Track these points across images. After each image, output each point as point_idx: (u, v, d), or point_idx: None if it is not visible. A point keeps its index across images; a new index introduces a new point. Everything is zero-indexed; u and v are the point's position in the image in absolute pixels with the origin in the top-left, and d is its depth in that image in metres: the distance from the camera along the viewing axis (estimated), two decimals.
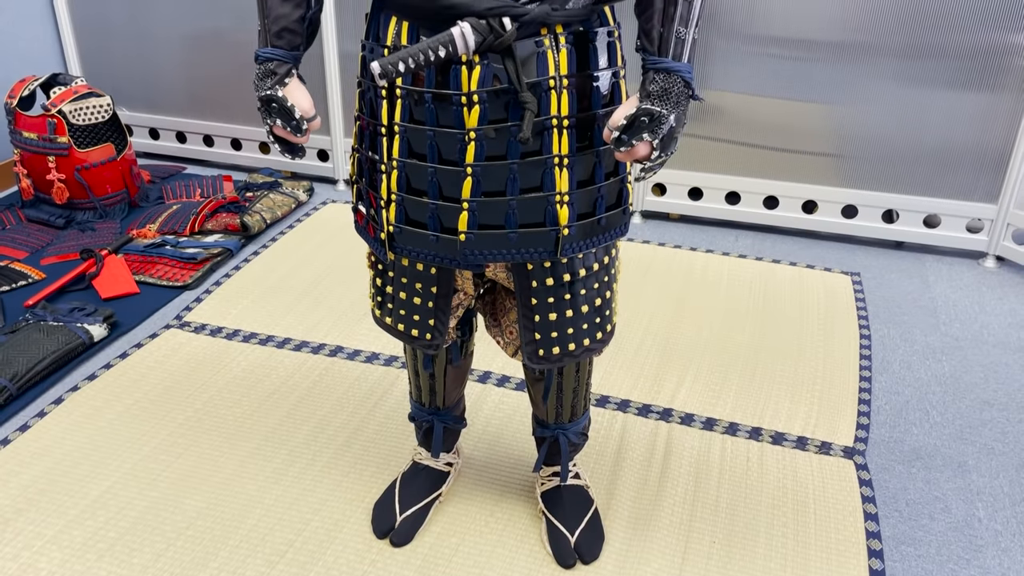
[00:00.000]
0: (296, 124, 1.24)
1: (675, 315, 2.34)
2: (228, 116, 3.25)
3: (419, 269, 1.32)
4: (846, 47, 2.55)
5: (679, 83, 1.11)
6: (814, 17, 2.54)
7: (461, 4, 1.11)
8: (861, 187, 2.71)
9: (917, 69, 2.52)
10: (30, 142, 2.72)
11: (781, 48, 2.62)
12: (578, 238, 1.25)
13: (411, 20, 1.17)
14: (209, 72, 3.19)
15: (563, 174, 1.20)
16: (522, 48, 1.15)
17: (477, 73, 1.14)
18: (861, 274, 2.60)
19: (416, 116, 1.20)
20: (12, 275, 2.46)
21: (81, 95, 2.76)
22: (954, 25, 2.44)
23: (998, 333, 2.30)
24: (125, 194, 2.90)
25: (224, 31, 3.10)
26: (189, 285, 2.46)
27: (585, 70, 1.20)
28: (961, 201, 2.63)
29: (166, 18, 3.14)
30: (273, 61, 1.24)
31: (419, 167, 1.22)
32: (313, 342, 2.20)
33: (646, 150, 1.14)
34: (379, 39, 1.22)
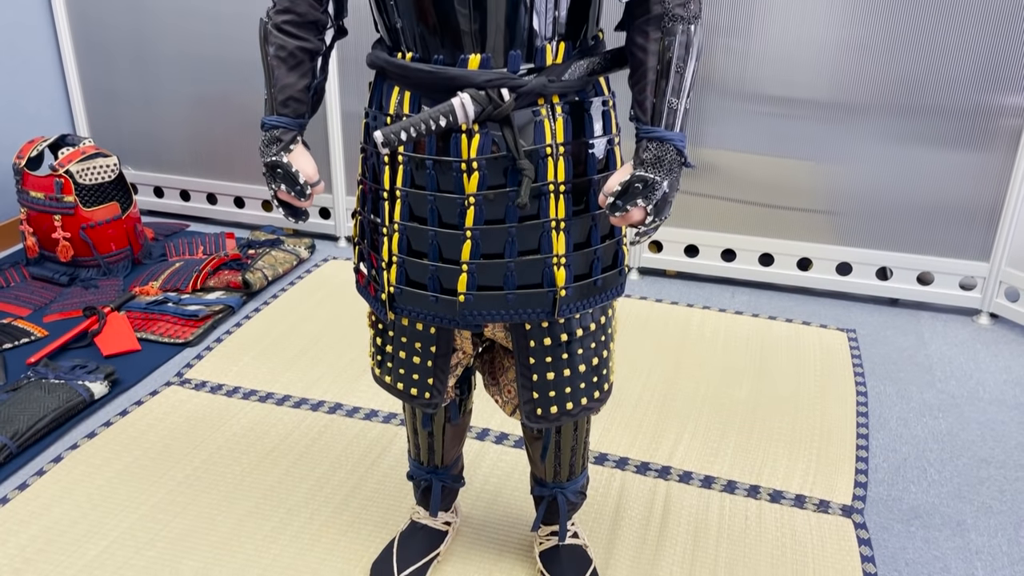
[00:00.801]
0: (300, 189, 1.28)
1: (673, 371, 2.36)
2: (231, 175, 3.30)
3: (419, 329, 1.35)
4: (837, 106, 2.62)
5: (672, 151, 1.15)
6: (805, 77, 2.61)
7: (461, 76, 1.16)
8: (855, 245, 2.75)
9: (907, 127, 2.58)
10: (37, 201, 2.76)
11: (773, 107, 2.68)
12: (575, 299, 1.28)
13: (413, 90, 1.21)
14: (213, 132, 3.26)
15: (560, 237, 1.24)
16: (520, 117, 1.19)
17: (477, 141, 1.18)
18: (857, 331, 2.62)
19: (417, 181, 1.24)
20: (15, 332, 2.48)
21: (88, 155, 2.82)
22: (943, 85, 2.51)
23: (993, 390, 2.31)
24: (129, 252, 2.93)
25: (228, 93, 3.17)
26: (190, 342, 2.48)
27: (581, 137, 1.24)
28: (953, 259, 2.67)
29: (172, 81, 3.22)
30: (279, 128, 1.28)
31: (420, 230, 1.25)
32: (312, 399, 2.21)
33: (640, 215, 1.18)
34: (382, 107, 1.26)
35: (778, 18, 2.56)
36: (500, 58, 1.17)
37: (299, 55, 1.27)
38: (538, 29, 1.16)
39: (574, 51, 1.21)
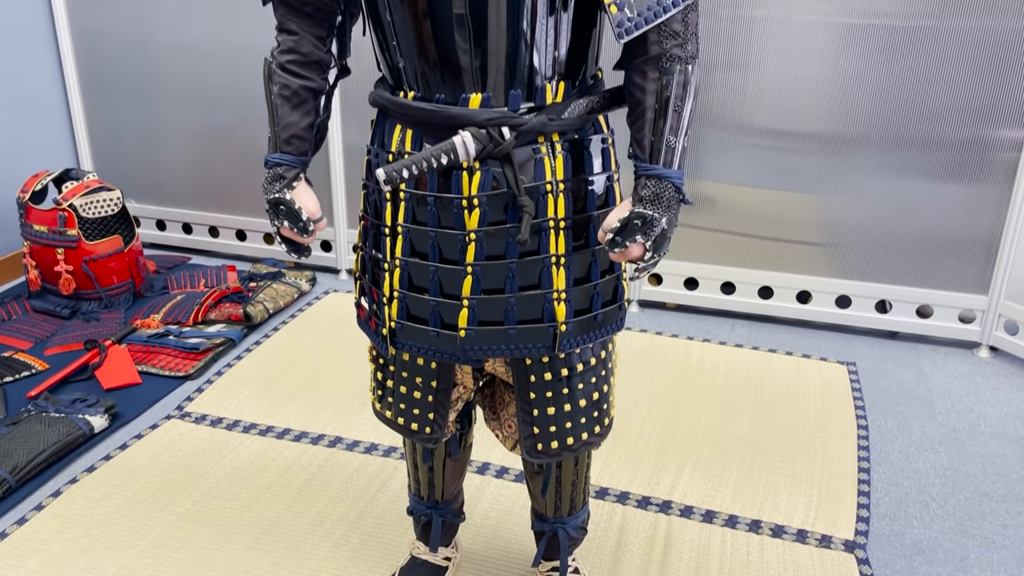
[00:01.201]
0: (303, 226, 1.29)
1: (673, 405, 2.36)
2: (233, 208, 3.33)
3: (419, 364, 1.35)
4: (834, 139, 2.64)
5: (670, 188, 1.17)
6: (802, 110, 2.64)
7: (463, 114, 1.17)
8: (854, 277, 2.76)
9: (904, 160, 2.60)
10: (40, 235, 2.78)
11: (771, 140, 2.71)
12: (575, 334, 1.29)
13: (415, 128, 1.23)
14: (215, 165, 3.29)
15: (560, 272, 1.25)
16: (520, 154, 1.21)
17: (478, 178, 1.20)
18: (857, 364, 2.63)
19: (419, 217, 1.25)
20: (16, 366, 2.48)
21: (92, 189, 2.84)
22: (939, 118, 2.53)
23: (994, 424, 2.31)
24: (131, 284, 2.94)
25: (231, 126, 3.21)
26: (191, 375, 2.48)
27: (580, 174, 1.25)
28: (952, 292, 2.68)
29: (175, 115, 3.25)
30: (282, 166, 1.29)
31: (421, 266, 1.26)
32: (313, 432, 2.21)
33: (639, 251, 1.19)
34: (384, 145, 1.28)
35: (775, 53, 2.60)
36: (501, 97, 1.18)
37: (303, 94, 1.29)
38: (538, 68, 1.18)
39: (573, 90, 1.23)
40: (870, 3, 2.48)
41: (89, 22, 3.22)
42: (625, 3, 1.09)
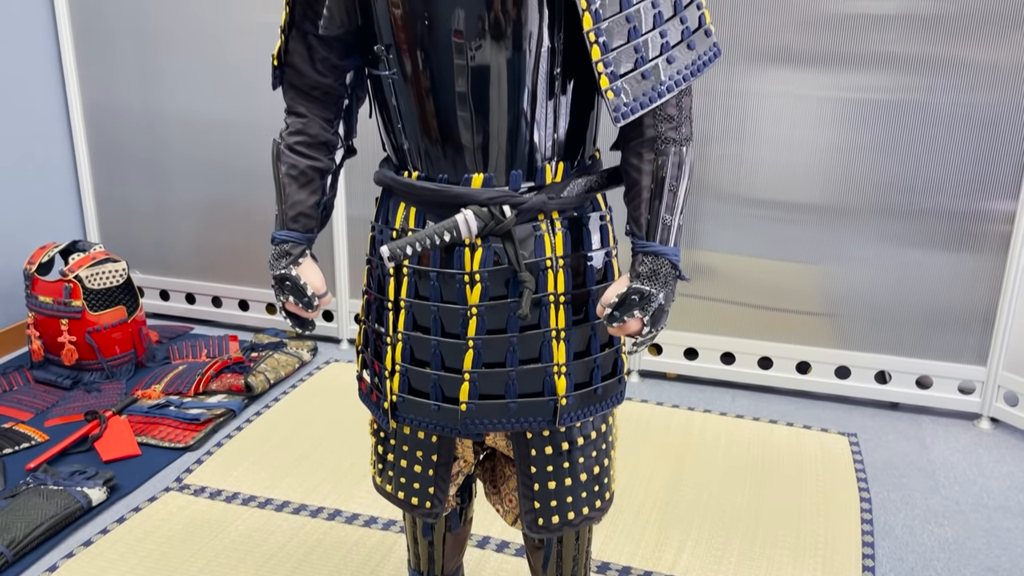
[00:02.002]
0: (308, 301, 1.32)
1: (674, 476, 2.35)
2: (236, 278, 3.36)
3: (420, 437, 1.36)
4: (831, 209, 2.69)
5: (667, 265, 1.19)
6: (798, 181, 2.69)
7: (465, 194, 1.21)
8: (852, 348, 2.77)
9: (900, 230, 2.64)
10: (45, 306, 2.81)
11: (768, 210, 2.75)
12: (576, 407, 1.30)
13: (418, 206, 1.27)
14: (220, 236, 3.34)
15: (560, 346, 1.27)
16: (521, 231, 1.24)
17: (479, 254, 1.23)
18: (858, 435, 2.62)
19: (421, 292, 1.28)
20: (15, 437, 2.48)
21: (98, 261, 2.88)
22: (932, 190, 2.58)
23: (998, 497, 2.30)
24: (133, 355, 2.96)
25: (236, 198, 3.26)
26: (191, 446, 2.48)
27: (579, 250, 1.28)
28: (951, 363, 2.69)
29: (182, 186, 3.32)
30: (288, 243, 1.33)
31: (423, 340, 1.28)
32: (312, 505, 2.20)
33: (637, 326, 1.21)
34: (388, 222, 1.31)
35: (770, 126, 2.66)
36: (502, 177, 1.22)
37: (310, 173, 1.33)
38: (538, 149, 1.22)
39: (572, 170, 1.27)
40: (862, 78, 2.55)
41: (101, 97, 3.31)
42: (621, 89, 1.14)
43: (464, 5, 1.13)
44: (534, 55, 1.16)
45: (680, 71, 1.17)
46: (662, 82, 1.16)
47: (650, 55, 1.15)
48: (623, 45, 1.13)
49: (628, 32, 1.13)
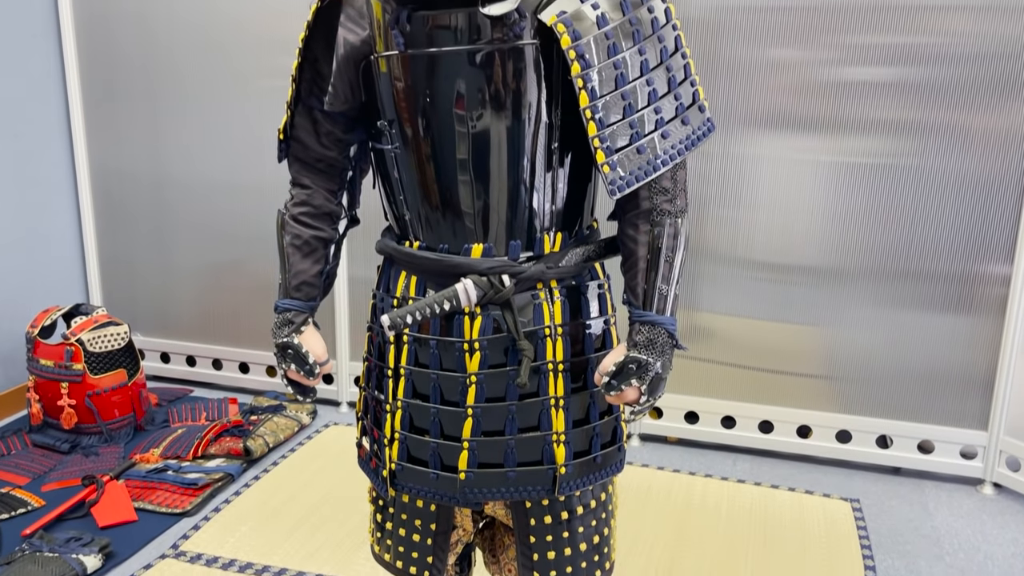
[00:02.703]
0: (309, 369, 1.33)
1: (676, 543, 2.32)
2: (237, 340, 3.37)
3: (419, 506, 1.36)
4: (828, 271, 2.71)
5: (663, 334, 1.21)
6: (795, 243, 2.72)
7: (465, 263, 1.23)
8: (853, 412, 2.77)
9: (897, 292, 2.66)
10: (46, 369, 2.81)
11: (766, 272, 2.78)
12: (575, 476, 1.30)
13: (419, 275, 1.29)
14: (222, 299, 3.36)
15: (559, 414, 1.27)
16: (520, 300, 1.26)
17: (479, 323, 1.24)
18: (861, 500, 2.60)
19: (421, 360, 1.29)
20: (12, 502, 2.46)
21: (100, 324, 2.90)
22: (928, 252, 2.61)
23: (1003, 564, 2.27)
24: (132, 418, 2.95)
25: (238, 261, 3.30)
26: (188, 512, 2.46)
27: (578, 319, 1.30)
28: (952, 427, 2.68)
29: (185, 248, 3.35)
30: (291, 311, 1.34)
31: (422, 407, 1.29)
32: (310, 572, 2.17)
33: (635, 394, 1.22)
34: (389, 290, 1.33)
35: (766, 188, 2.70)
36: (501, 247, 1.25)
37: (313, 243, 1.35)
38: (537, 220, 1.25)
39: (570, 240, 1.29)
40: (857, 142, 2.60)
41: (108, 162, 3.37)
42: (617, 163, 1.17)
43: (465, 77, 1.17)
44: (533, 127, 1.20)
45: (675, 146, 1.20)
46: (657, 156, 1.19)
47: (645, 130, 1.18)
48: (619, 121, 1.17)
49: (624, 109, 1.17)
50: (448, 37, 1.16)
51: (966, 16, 2.45)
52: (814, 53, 2.57)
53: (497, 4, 1.13)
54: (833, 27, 2.54)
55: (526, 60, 1.16)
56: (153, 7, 3.15)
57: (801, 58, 2.58)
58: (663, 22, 1.20)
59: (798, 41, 2.58)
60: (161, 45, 3.18)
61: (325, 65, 1.30)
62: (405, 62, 1.19)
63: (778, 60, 2.60)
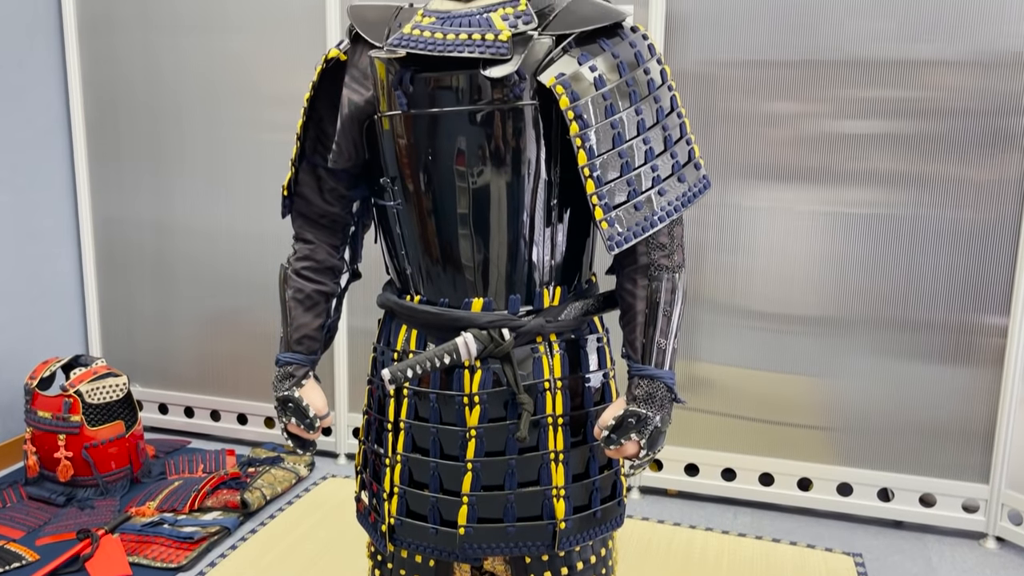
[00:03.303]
0: (309, 422, 1.33)
1: None
2: (236, 391, 3.37)
3: (418, 561, 1.35)
4: (826, 321, 2.72)
5: (662, 388, 1.22)
6: (793, 293, 2.74)
7: (465, 317, 1.25)
8: (854, 464, 2.76)
9: (896, 342, 2.67)
10: (44, 421, 2.80)
11: (764, 322, 2.79)
12: (575, 531, 1.29)
13: (420, 328, 1.30)
14: (222, 348, 3.36)
15: (559, 469, 1.28)
16: (519, 353, 1.27)
17: (479, 376, 1.25)
18: (863, 555, 2.57)
19: (421, 413, 1.30)
20: (6, 557, 2.43)
21: (99, 375, 2.90)
22: (925, 303, 2.62)
23: None
24: (128, 471, 2.93)
25: (239, 310, 3.31)
26: (183, 566, 2.43)
27: (577, 372, 1.31)
28: (954, 480, 2.67)
29: (186, 297, 3.37)
30: (292, 364, 1.35)
31: (422, 461, 1.29)
32: None
33: (634, 448, 1.22)
34: (390, 343, 1.35)
35: (763, 237, 2.73)
36: (501, 301, 1.26)
37: (315, 297, 1.37)
38: (536, 274, 1.27)
39: (569, 294, 1.31)
40: (852, 193, 2.64)
41: (111, 212, 3.40)
42: (615, 219, 1.19)
43: (466, 135, 1.20)
44: (532, 183, 1.22)
45: (671, 202, 1.23)
46: (654, 212, 1.21)
47: (642, 188, 1.21)
48: (617, 179, 1.19)
49: (621, 167, 1.20)
50: (450, 97, 1.20)
51: (957, 71, 2.50)
52: (809, 106, 2.62)
53: (498, 67, 1.16)
54: (827, 81, 2.59)
55: (526, 120, 1.19)
56: (159, 60, 3.21)
57: (796, 111, 2.63)
58: (659, 83, 1.24)
59: (793, 94, 2.63)
60: (166, 96, 3.24)
61: (329, 124, 1.33)
62: (408, 121, 1.22)
63: (773, 113, 2.65)
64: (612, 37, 1.22)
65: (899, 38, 2.52)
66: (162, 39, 3.19)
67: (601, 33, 1.22)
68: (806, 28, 2.58)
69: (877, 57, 2.54)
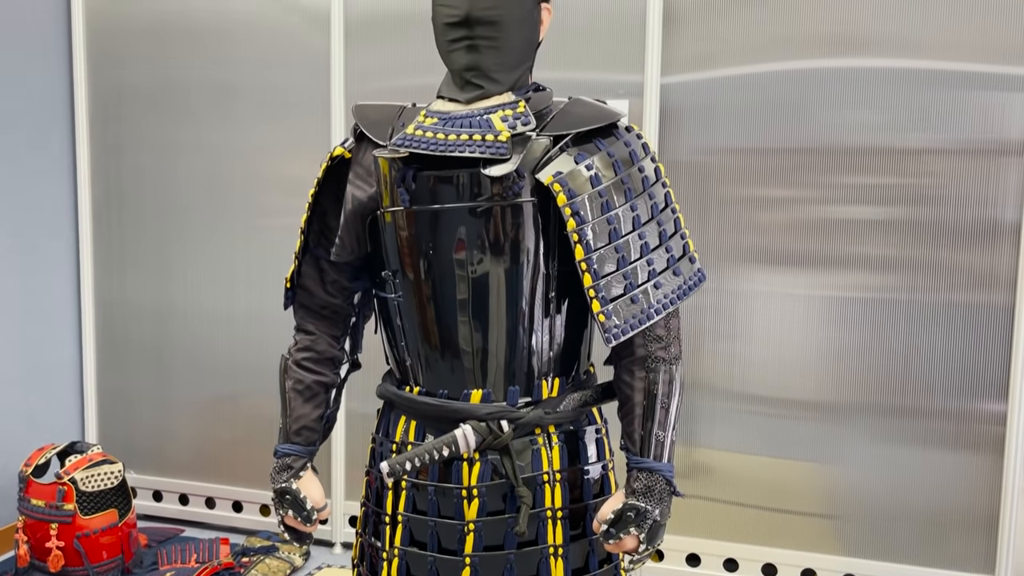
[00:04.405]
0: (307, 515, 1.33)
1: None
2: (232, 478, 3.33)
3: None
4: (825, 406, 2.71)
5: (661, 481, 1.22)
6: (791, 378, 2.74)
7: (464, 409, 1.26)
8: (857, 555, 2.71)
9: (896, 428, 2.65)
10: (37, 509, 2.77)
11: (764, 407, 2.78)
12: None
13: (419, 420, 1.31)
14: (218, 434, 3.34)
15: (558, 563, 1.26)
16: (518, 445, 1.27)
17: (477, 469, 1.25)
18: None
19: (419, 506, 1.29)
20: None
21: (95, 463, 2.87)
22: (924, 388, 2.61)
23: None
24: (120, 561, 2.88)
25: (236, 395, 3.30)
26: None
27: (576, 464, 1.31)
28: (958, 572, 2.62)
29: (184, 381, 3.36)
30: (291, 456, 1.36)
31: (419, 556, 1.28)
32: None
33: (633, 543, 1.21)
34: (389, 435, 1.35)
35: (760, 321, 2.74)
36: (500, 392, 1.27)
37: (315, 388, 1.38)
38: (535, 366, 1.28)
39: (568, 385, 1.32)
40: (847, 277, 2.67)
41: (115, 294, 3.42)
42: (612, 312, 1.21)
43: (466, 229, 1.23)
44: (531, 272, 1.25)
45: (667, 295, 1.25)
46: (651, 305, 1.24)
47: (639, 281, 1.23)
48: (613, 272, 1.22)
49: (618, 260, 1.22)
50: (451, 194, 1.23)
51: (945, 159, 2.56)
52: (802, 192, 2.68)
53: (498, 166, 1.20)
54: (819, 167, 2.65)
55: (525, 215, 1.23)
56: (166, 149, 3.29)
57: (790, 196, 2.69)
58: (653, 180, 1.28)
59: (786, 181, 2.69)
60: (171, 183, 3.30)
61: (333, 218, 1.37)
62: (410, 217, 1.25)
63: (767, 198, 2.71)
64: (607, 137, 1.27)
65: (888, 128, 2.60)
66: (170, 129, 3.28)
67: (597, 133, 1.26)
68: (795, 118, 2.66)
69: (867, 145, 2.61)
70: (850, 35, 2.62)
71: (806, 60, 2.65)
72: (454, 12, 1.23)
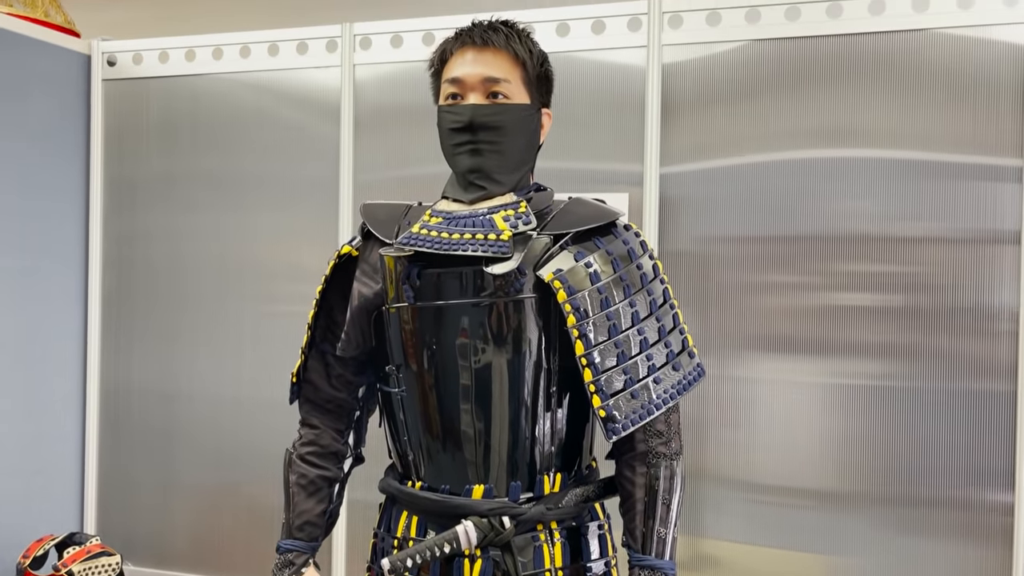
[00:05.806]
0: None
1: None
2: (231, 570, 3.27)
3: None
4: (831, 495, 2.66)
5: None
6: (797, 466, 2.70)
7: (466, 505, 1.26)
8: None
9: (903, 518, 2.59)
10: None
11: (769, 495, 2.74)
12: None
13: (421, 515, 1.31)
14: (219, 523, 3.29)
15: None
16: (520, 541, 1.27)
17: (479, 566, 1.25)
18: None
19: None
20: None
21: (93, 555, 2.84)
22: (928, 478, 2.56)
23: None
24: None
25: (239, 483, 3.27)
26: None
27: (579, 561, 1.30)
28: None
29: (187, 469, 3.32)
30: (293, 552, 1.35)
31: None
32: None
33: None
34: (390, 530, 1.35)
35: (763, 409, 2.72)
36: (502, 488, 1.28)
37: (319, 483, 1.39)
38: (537, 460, 1.29)
39: (570, 480, 1.33)
40: (849, 364, 2.66)
41: (120, 381, 3.42)
42: (613, 407, 1.23)
43: (469, 322, 1.26)
44: (533, 363, 1.27)
45: (667, 390, 1.27)
46: (651, 400, 1.25)
47: (639, 376, 1.25)
48: (613, 368, 1.24)
49: (617, 356, 1.25)
50: (454, 290, 1.27)
51: (942, 248, 2.59)
52: (801, 278, 2.70)
53: (500, 264, 1.24)
54: (818, 255, 2.68)
55: (526, 311, 1.26)
56: (176, 239, 3.34)
57: (789, 283, 2.71)
58: (651, 276, 1.31)
59: (784, 268, 2.71)
60: (180, 271, 3.34)
61: (339, 313, 1.40)
62: (415, 313, 1.28)
63: (767, 285, 2.73)
64: (606, 235, 1.31)
65: (883, 217, 2.64)
66: (180, 217, 3.34)
67: (596, 232, 1.30)
68: (793, 208, 2.70)
69: (863, 233, 2.65)
70: (843, 127, 2.69)
71: (801, 151, 2.71)
72: (458, 118, 1.29)
